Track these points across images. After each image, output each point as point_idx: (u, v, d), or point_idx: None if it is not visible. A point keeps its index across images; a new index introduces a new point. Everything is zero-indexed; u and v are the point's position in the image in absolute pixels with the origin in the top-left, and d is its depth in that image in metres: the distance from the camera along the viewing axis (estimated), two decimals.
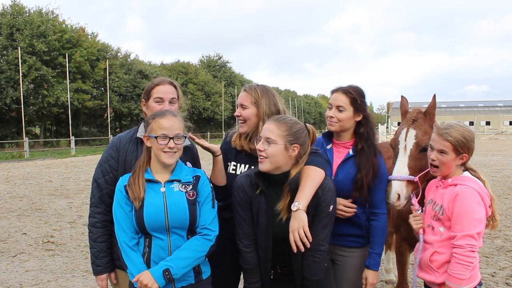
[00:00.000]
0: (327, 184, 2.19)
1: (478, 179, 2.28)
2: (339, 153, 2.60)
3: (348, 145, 2.58)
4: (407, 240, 3.01)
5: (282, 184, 2.19)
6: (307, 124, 2.31)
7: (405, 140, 2.58)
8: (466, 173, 2.30)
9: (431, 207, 2.37)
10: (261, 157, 2.17)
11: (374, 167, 2.48)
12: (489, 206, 2.23)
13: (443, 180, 2.34)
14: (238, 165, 2.62)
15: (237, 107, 2.65)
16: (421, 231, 2.42)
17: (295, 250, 2.08)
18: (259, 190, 2.22)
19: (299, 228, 2.05)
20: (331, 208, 2.18)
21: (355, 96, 2.51)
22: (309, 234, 2.06)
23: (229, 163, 2.64)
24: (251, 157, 2.56)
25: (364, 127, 2.54)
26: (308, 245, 2.07)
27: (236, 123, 2.74)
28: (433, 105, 2.66)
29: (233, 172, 2.61)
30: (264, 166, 2.16)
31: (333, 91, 2.60)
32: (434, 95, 2.68)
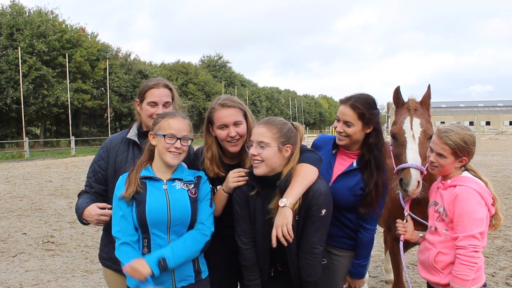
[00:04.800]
0: (319, 188, 2.16)
1: (480, 179, 2.28)
2: (343, 161, 2.57)
3: (353, 155, 2.54)
4: (400, 240, 3.02)
5: (271, 184, 2.19)
6: (294, 123, 2.30)
7: (412, 128, 2.57)
8: (466, 173, 2.29)
9: (434, 208, 2.38)
10: (256, 162, 2.15)
11: (382, 181, 2.44)
12: (492, 205, 2.23)
13: (443, 182, 2.34)
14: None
15: (222, 128, 2.36)
16: (402, 237, 2.52)
17: (274, 245, 2.09)
18: (255, 191, 2.23)
19: (282, 225, 2.05)
20: (323, 212, 2.16)
21: (363, 111, 2.42)
22: (291, 233, 2.07)
23: (215, 188, 2.45)
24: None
25: (373, 138, 2.48)
26: (290, 241, 2.07)
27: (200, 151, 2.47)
28: (427, 95, 2.70)
29: None
30: (259, 170, 2.15)
31: (341, 102, 2.53)
32: (429, 86, 2.72)
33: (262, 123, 2.23)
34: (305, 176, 2.16)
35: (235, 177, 2.30)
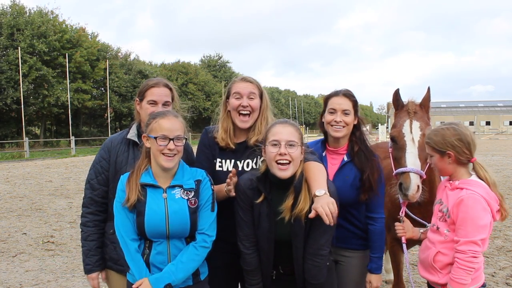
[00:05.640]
0: (328, 187, 2.15)
1: (486, 179, 2.24)
2: (334, 160, 2.59)
3: (341, 151, 2.57)
4: (399, 240, 3.02)
5: (284, 187, 2.17)
6: None
7: (411, 132, 2.58)
8: (474, 177, 2.27)
9: (439, 207, 2.37)
10: (285, 162, 2.10)
11: (376, 165, 2.49)
12: (499, 205, 2.22)
13: (450, 182, 2.33)
14: (224, 161, 2.53)
15: (237, 98, 2.47)
16: (403, 239, 2.52)
17: (313, 216, 1.99)
18: (262, 197, 2.19)
19: (328, 203, 1.97)
20: None
21: (355, 99, 2.55)
22: (336, 208, 1.99)
23: (215, 160, 2.54)
24: (236, 153, 2.50)
25: (359, 130, 2.57)
26: (335, 217, 1.99)
27: (217, 121, 2.60)
28: (427, 97, 2.70)
29: (220, 169, 2.52)
30: (288, 172, 2.10)
31: (332, 95, 2.56)
32: (429, 88, 2.73)
33: (284, 122, 2.23)
34: (321, 172, 2.19)
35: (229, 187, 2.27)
